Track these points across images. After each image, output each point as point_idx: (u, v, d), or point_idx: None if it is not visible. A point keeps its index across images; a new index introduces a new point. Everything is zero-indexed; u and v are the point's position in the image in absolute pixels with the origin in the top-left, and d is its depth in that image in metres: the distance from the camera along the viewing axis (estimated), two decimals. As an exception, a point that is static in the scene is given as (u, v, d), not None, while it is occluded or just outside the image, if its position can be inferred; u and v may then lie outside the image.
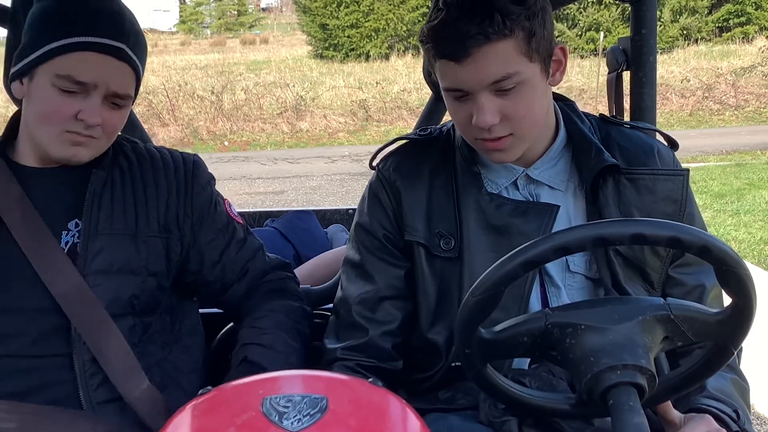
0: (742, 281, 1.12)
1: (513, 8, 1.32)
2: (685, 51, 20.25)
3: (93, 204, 1.52)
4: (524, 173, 1.49)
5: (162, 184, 1.60)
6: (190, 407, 1.01)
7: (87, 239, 1.50)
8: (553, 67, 1.42)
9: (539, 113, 1.42)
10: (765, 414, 3.46)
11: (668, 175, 1.48)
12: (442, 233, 1.48)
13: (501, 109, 1.37)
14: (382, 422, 0.99)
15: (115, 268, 1.51)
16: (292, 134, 13.75)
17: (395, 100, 14.98)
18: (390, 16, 22.54)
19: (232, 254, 1.66)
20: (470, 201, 1.47)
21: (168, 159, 1.64)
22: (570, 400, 1.25)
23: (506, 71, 1.34)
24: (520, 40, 1.34)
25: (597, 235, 1.12)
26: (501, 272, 1.14)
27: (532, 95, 1.38)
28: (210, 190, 1.67)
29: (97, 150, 1.52)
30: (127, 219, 1.54)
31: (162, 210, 1.58)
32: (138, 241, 1.54)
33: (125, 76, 1.49)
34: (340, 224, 2.85)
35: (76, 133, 1.46)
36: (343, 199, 8.70)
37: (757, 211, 7.31)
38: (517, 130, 1.40)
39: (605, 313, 1.16)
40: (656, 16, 1.88)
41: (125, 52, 1.47)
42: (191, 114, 14.32)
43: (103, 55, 1.44)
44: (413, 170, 1.53)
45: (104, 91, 1.46)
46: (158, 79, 17.23)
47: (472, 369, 1.23)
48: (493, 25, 1.31)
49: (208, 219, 1.64)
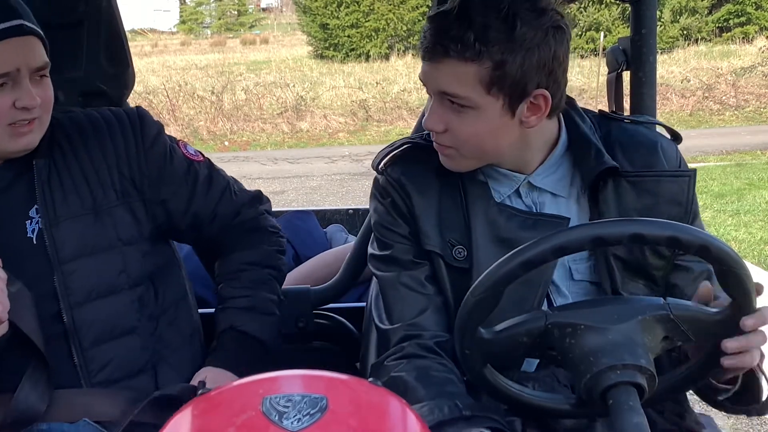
0: (742, 281, 1.12)
1: (493, 35, 1.27)
2: (685, 51, 20.23)
3: (44, 193, 1.50)
4: (526, 180, 1.46)
5: (109, 148, 1.56)
6: (190, 407, 1.01)
7: (50, 229, 1.48)
8: (529, 110, 1.35)
9: (490, 144, 1.38)
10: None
11: (673, 176, 1.44)
12: (454, 242, 1.45)
13: (448, 121, 1.36)
14: (382, 422, 0.99)
15: (88, 250, 1.50)
16: (292, 134, 13.74)
17: (395, 100, 14.96)
18: (390, 16, 22.51)
19: (200, 200, 1.64)
20: (479, 211, 1.44)
21: (110, 118, 1.60)
22: (570, 400, 1.25)
23: (455, 91, 1.32)
24: (484, 70, 1.29)
25: (595, 236, 1.12)
26: (501, 272, 1.14)
27: (482, 125, 1.35)
28: (162, 139, 1.63)
29: (44, 127, 1.51)
30: (83, 197, 1.52)
31: (115, 176, 1.55)
32: (101, 216, 1.52)
33: (36, 47, 1.47)
34: (339, 224, 2.85)
35: (20, 122, 1.45)
36: (343, 199, 8.70)
37: (757, 211, 7.30)
38: (459, 148, 1.39)
39: (605, 313, 1.16)
40: (656, 16, 1.88)
41: (25, 25, 1.45)
42: (191, 114, 14.31)
43: (9, 39, 1.42)
44: (421, 175, 1.49)
45: (27, 71, 1.44)
46: (158, 79, 17.22)
47: (472, 369, 1.23)
48: (459, 43, 1.28)
49: (167, 171, 1.61)
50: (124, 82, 2.03)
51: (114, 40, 1.97)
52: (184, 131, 13.41)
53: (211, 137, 13.48)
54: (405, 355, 1.43)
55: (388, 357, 1.46)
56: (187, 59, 25.24)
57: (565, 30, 1.33)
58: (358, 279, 2.15)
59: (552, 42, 1.31)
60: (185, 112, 14.31)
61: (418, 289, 1.48)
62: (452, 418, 1.25)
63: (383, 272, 1.52)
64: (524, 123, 1.37)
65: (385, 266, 1.52)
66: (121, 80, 2.02)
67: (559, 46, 1.32)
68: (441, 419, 1.25)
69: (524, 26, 1.28)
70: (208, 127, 13.80)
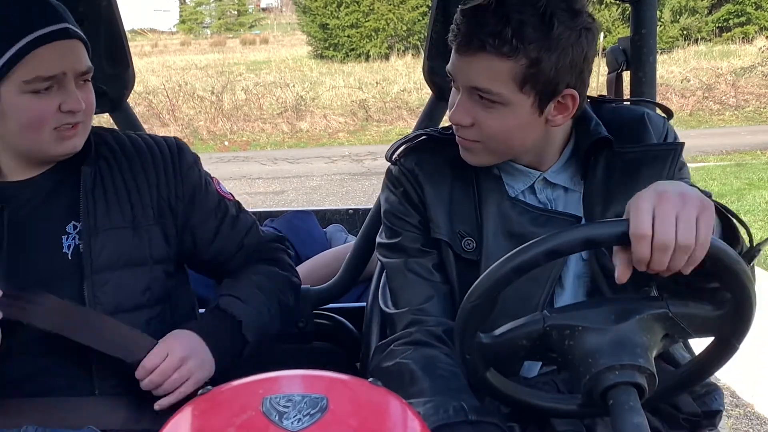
0: (738, 276, 1.11)
1: (530, 32, 1.28)
2: (685, 51, 20.23)
3: (88, 202, 1.52)
4: (541, 177, 1.47)
5: (150, 170, 1.60)
6: (190, 407, 1.01)
7: (89, 238, 1.50)
8: (556, 108, 1.37)
9: (517, 140, 1.39)
10: (765, 414, 3.46)
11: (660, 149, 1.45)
12: (463, 233, 1.46)
13: (475, 115, 1.36)
14: (382, 422, 0.99)
15: (122, 263, 1.52)
16: (292, 134, 13.74)
17: (395, 100, 14.96)
18: (390, 16, 22.51)
19: (226, 232, 1.67)
20: (492, 205, 1.46)
21: (151, 144, 1.64)
22: (575, 401, 1.25)
23: (488, 87, 1.32)
24: (519, 66, 1.30)
25: (587, 238, 1.11)
26: (494, 278, 1.15)
27: (511, 121, 1.35)
28: (197, 170, 1.67)
29: (86, 132, 1.52)
30: (124, 211, 1.54)
31: (154, 196, 1.58)
32: (139, 232, 1.55)
33: (81, 51, 1.48)
34: (339, 224, 2.86)
35: (65, 125, 1.46)
36: (343, 199, 8.70)
37: (757, 211, 7.30)
38: (485, 142, 1.39)
39: (603, 314, 1.16)
40: (656, 16, 1.88)
41: (70, 29, 1.46)
42: (191, 114, 14.31)
43: (56, 42, 1.43)
44: (434, 166, 1.51)
45: (72, 75, 1.45)
46: (158, 79, 17.22)
47: (474, 374, 1.23)
48: (497, 38, 1.28)
49: (200, 199, 1.64)
50: (124, 82, 2.03)
51: (114, 40, 1.96)
52: (184, 131, 13.40)
53: (211, 137, 13.47)
54: (412, 341, 1.44)
55: (394, 341, 1.46)
56: (187, 59, 25.23)
57: (595, 32, 1.35)
58: (358, 279, 2.15)
59: (584, 43, 1.33)
60: (185, 112, 14.30)
61: (426, 276, 1.49)
62: (457, 421, 1.25)
63: (391, 259, 1.53)
64: (550, 121, 1.39)
65: (393, 253, 1.53)
66: (121, 80, 2.02)
67: (590, 48, 1.34)
68: (446, 421, 1.24)
69: (560, 26, 1.29)
70: (207, 127, 13.79)
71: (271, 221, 2.75)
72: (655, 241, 1.07)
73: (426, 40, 1.91)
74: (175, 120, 13.75)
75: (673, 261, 1.08)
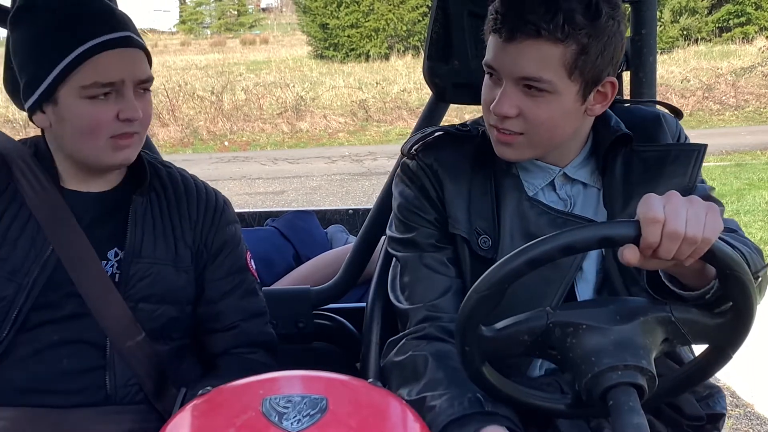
0: (744, 285, 1.11)
1: (579, 19, 1.29)
2: (685, 51, 20.23)
3: (136, 229, 1.52)
4: (561, 173, 1.47)
5: (194, 214, 1.60)
6: (190, 407, 1.01)
7: (129, 264, 1.50)
8: (596, 97, 1.38)
9: (560, 130, 1.39)
10: (765, 414, 3.46)
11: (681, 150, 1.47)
12: (480, 231, 1.46)
13: (521, 105, 1.35)
14: (381, 422, 0.99)
15: (157, 297, 1.52)
16: (292, 134, 13.73)
17: (395, 101, 14.95)
18: (390, 16, 22.51)
19: (233, 301, 1.63)
20: (510, 204, 1.45)
21: (201, 189, 1.64)
22: (567, 400, 1.24)
23: (539, 74, 1.31)
24: (569, 52, 1.30)
25: (603, 236, 1.12)
26: (506, 269, 1.14)
27: (557, 110, 1.35)
28: (234, 230, 1.66)
29: (141, 143, 1.52)
30: (168, 246, 1.55)
31: (192, 239, 1.58)
32: (178, 271, 1.55)
33: (142, 60, 1.49)
34: (340, 225, 2.85)
35: (121, 135, 1.45)
36: (343, 199, 8.69)
37: (757, 211, 7.30)
38: (529, 133, 1.37)
39: (607, 314, 1.16)
40: (656, 16, 1.88)
41: (132, 38, 1.47)
42: (191, 114, 14.30)
43: (117, 49, 1.43)
44: (454, 162, 1.50)
45: (132, 83, 1.45)
46: (158, 79, 17.06)
47: (470, 367, 1.22)
48: (550, 23, 1.28)
49: (224, 255, 1.63)
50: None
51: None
52: (184, 131, 13.40)
53: (210, 137, 13.47)
54: (425, 335, 1.44)
55: (407, 336, 1.46)
56: (187, 59, 25.24)
57: (626, 26, 1.38)
58: (358, 279, 2.15)
59: (623, 33, 1.36)
60: (185, 112, 14.29)
61: (441, 271, 1.48)
62: (473, 412, 1.25)
63: (404, 253, 1.52)
64: (589, 111, 1.40)
65: (407, 248, 1.52)
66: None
67: (624, 40, 1.37)
68: (462, 413, 1.25)
69: (606, 15, 1.31)
70: (207, 127, 13.79)
71: (272, 221, 2.75)
72: (666, 228, 1.08)
73: (426, 41, 1.91)
74: (175, 120, 13.75)
75: (680, 251, 1.10)
